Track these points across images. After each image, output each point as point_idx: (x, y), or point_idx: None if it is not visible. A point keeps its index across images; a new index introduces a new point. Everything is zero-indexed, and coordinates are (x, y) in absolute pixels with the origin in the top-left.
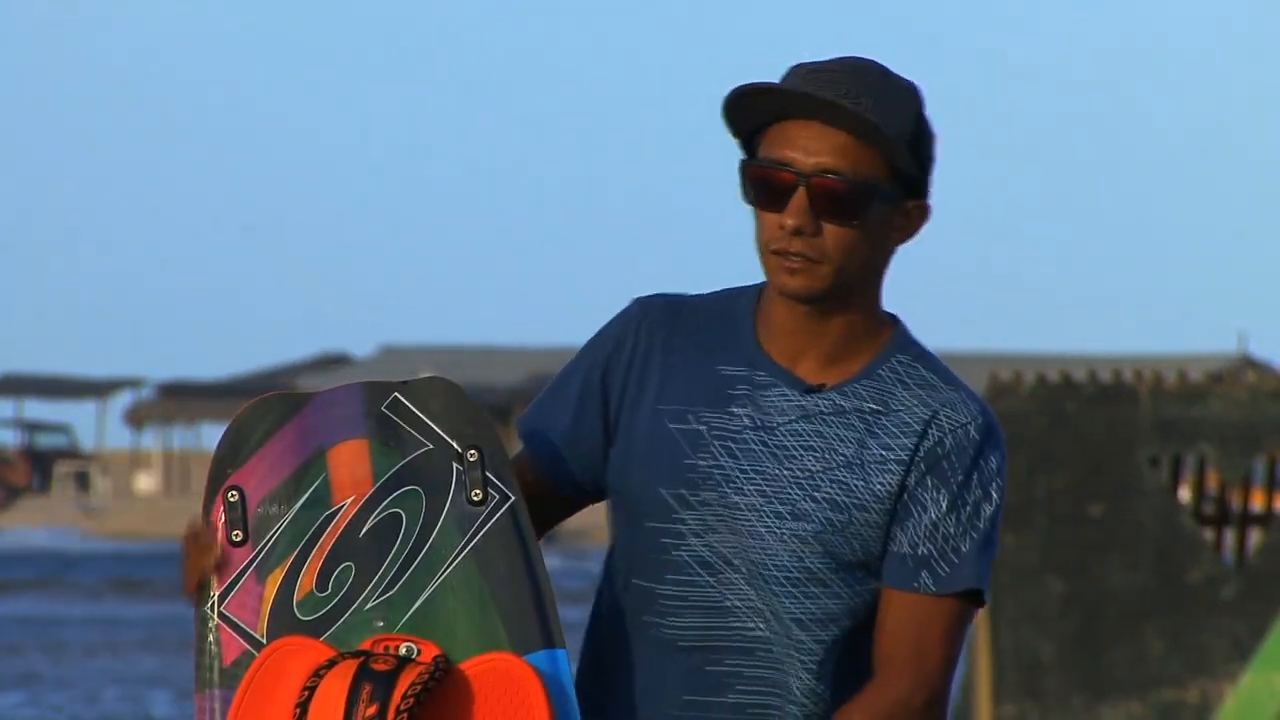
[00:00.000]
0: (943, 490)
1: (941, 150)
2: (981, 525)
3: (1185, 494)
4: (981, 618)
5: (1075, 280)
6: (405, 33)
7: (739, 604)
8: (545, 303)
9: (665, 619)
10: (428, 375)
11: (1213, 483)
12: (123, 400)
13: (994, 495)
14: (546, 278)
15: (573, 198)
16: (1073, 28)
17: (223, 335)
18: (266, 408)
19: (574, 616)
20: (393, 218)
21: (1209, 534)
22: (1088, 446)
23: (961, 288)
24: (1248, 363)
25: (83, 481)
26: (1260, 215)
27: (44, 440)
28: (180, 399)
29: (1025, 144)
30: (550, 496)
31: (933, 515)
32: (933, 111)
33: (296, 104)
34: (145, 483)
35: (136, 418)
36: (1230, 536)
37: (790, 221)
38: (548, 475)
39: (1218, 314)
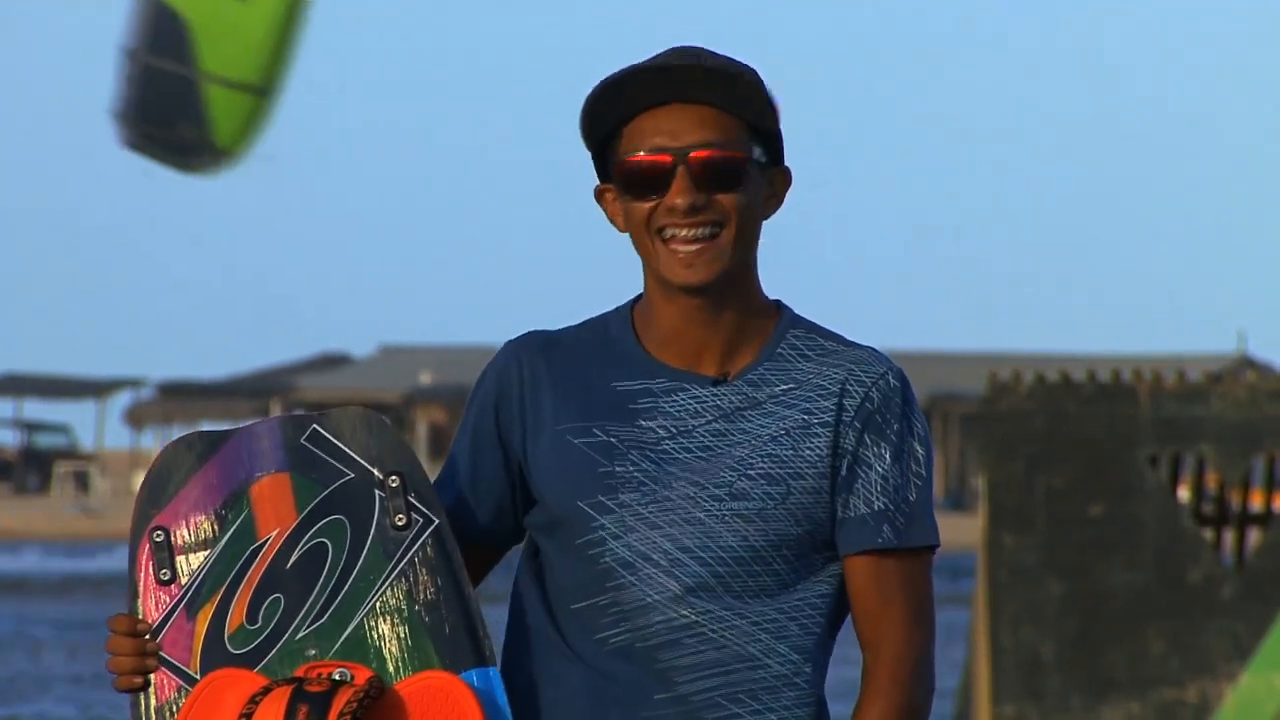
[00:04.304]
0: (883, 444)
1: (925, 151)
2: (922, 470)
3: (1185, 494)
4: (981, 617)
5: (1075, 280)
6: (407, 32)
7: (658, 597)
8: (546, 303)
9: (608, 632)
10: (345, 406)
11: (1212, 482)
12: (122, 400)
13: (924, 434)
14: (547, 278)
15: (574, 198)
16: (1072, 27)
17: (222, 335)
18: (187, 447)
19: None
20: (393, 218)
21: (1208, 534)
22: (1087, 446)
23: (961, 288)
24: (1247, 362)
25: (82, 481)
26: (1259, 216)
27: (43, 440)
28: (180, 399)
29: (1024, 144)
30: (473, 555)
31: (879, 470)
32: (934, 115)
33: (296, 103)
34: None
35: (136, 418)
36: (1230, 536)
37: (680, 201)
38: (463, 536)
39: (1217, 314)
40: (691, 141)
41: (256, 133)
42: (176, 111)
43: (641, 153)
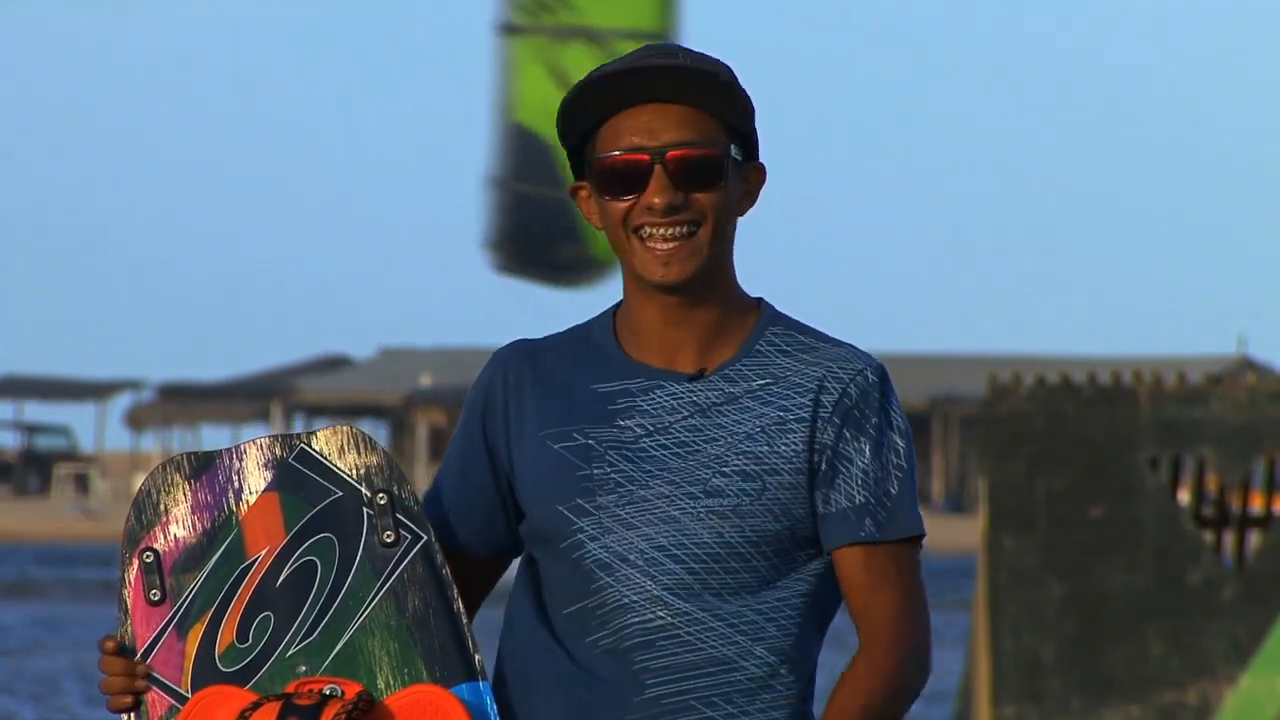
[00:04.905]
0: (862, 438)
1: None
2: (902, 463)
3: (1185, 496)
4: (981, 619)
5: (1075, 281)
6: (407, 31)
7: (636, 598)
8: (545, 303)
9: (596, 635)
10: (334, 426)
11: (1212, 485)
12: (122, 402)
13: (904, 427)
14: None
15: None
16: (1073, 26)
17: (222, 336)
18: (175, 468)
19: None
20: (393, 218)
21: (1208, 536)
22: (1087, 448)
23: (961, 290)
24: (1247, 364)
25: (82, 483)
26: (1260, 217)
27: (43, 442)
28: (180, 400)
29: (1024, 144)
30: (470, 569)
31: (860, 465)
32: (934, 115)
33: (296, 104)
34: None
35: (136, 419)
36: (1230, 538)
37: (658, 200)
38: (458, 550)
39: (1217, 316)
40: (669, 140)
41: None
42: (553, 234)
43: (618, 151)
